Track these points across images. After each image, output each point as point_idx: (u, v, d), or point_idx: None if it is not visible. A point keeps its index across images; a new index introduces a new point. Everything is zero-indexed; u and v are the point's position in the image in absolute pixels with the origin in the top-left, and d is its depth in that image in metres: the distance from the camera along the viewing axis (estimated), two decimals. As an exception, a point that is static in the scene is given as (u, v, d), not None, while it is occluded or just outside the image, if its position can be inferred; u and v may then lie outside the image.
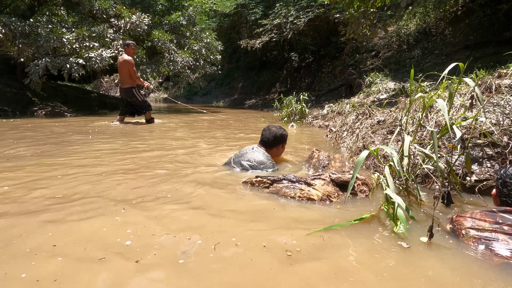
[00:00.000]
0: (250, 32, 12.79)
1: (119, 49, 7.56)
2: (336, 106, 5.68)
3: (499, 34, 7.52)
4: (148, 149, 3.48)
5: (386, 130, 2.71)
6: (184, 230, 1.42)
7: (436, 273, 1.13)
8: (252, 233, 1.41)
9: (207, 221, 1.54)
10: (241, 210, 1.70)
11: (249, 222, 1.54)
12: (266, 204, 1.78)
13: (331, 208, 1.75)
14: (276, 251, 1.24)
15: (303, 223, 1.52)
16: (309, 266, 1.15)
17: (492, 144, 1.90)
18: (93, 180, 2.19)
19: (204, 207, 1.73)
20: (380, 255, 1.25)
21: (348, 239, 1.38)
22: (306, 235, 1.38)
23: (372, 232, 1.45)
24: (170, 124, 6.55)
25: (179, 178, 2.27)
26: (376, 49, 10.43)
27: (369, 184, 1.99)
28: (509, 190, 1.32)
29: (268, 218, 1.59)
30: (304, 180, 1.95)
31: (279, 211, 1.68)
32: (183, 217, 1.59)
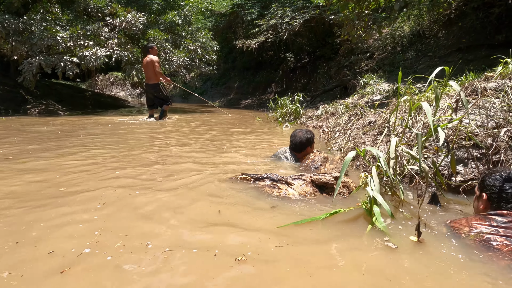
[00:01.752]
0: (246, 32, 12.81)
1: (114, 48, 7.54)
2: (330, 107, 5.73)
3: (491, 37, 7.63)
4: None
5: (377, 131, 2.75)
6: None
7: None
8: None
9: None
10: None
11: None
12: (244, 196, 1.94)
13: (303, 206, 1.83)
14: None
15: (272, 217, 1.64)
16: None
17: (477, 146, 1.94)
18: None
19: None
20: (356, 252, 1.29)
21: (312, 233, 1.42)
22: (275, 228, 1.48)
23: (347, 230, 1.49)
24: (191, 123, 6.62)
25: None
26: (371, 51, 10.53)
27: (350, 187, 2.06)
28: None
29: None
30: (285, 179, 2.03)
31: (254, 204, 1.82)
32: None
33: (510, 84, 2.04)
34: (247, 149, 3.62)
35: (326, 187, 2.02)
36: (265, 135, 4.95)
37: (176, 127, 5.90)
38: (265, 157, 3.12)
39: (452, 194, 1.91)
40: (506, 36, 7.36)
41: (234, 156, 3.21)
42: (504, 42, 7.28)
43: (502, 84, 2.10)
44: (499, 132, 1.87)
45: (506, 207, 1.39)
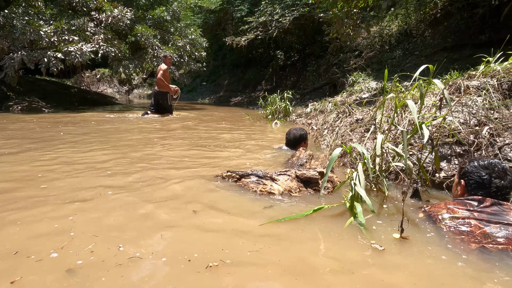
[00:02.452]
0: (236, 30, 12.74)
1: (100, 44, 7.37)
2: (319, 105, 5.77)
3: (475, 37, 7.82)
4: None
5: (364, 128, 2.78)
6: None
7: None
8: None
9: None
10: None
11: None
12: (227, 194, 1.94)
13: (287, 202, 1.84)
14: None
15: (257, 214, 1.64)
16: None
17: (460, 143, 1.99)
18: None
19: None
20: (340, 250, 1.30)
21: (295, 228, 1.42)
22: (259, 226, 1.48)
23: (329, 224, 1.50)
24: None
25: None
26: (359, 49, 10.63)
27: (334, 182, 2.10)
28: (489, 185, 1.47)
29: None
30: (270, 175, 2.05)
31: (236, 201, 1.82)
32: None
33: (492, 82, 2.10)
34: (236, 146, 3.61)
35: (311, 182, 2.05)
36: (254, 132, 4.94)
37: (168, 124, 5.83)
38: (257, 154, 3.12)
39: (436, 190, 1.95)
40: (489, 36, 7.55)
41: (221, 154, 3.20)
42: (487, 42, 7.47)
43: (484, 83, 2.15)
44: (482, 129, 1.91)
45: (481, 193, 1.47)
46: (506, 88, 2.06)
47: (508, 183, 1.45)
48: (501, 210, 1.37)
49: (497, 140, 1.89)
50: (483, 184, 1.47)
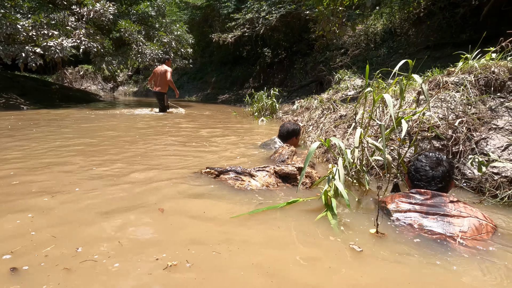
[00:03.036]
0: (222, 26, 12.61)
1: (81, 39, 7.15)
2: (305, 102, 5.79)
3: (456, 36, 8.01)
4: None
5: (347, 124, 2.80)
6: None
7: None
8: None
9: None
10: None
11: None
12: (203, 190, 1.92)
13: (264, 197, 1.84)
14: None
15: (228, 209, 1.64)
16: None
17: (439, 137, 2.02)
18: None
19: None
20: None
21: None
22: (230, 218, 1.50)
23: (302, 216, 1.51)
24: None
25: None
26: (345, 47, 10.74)
27: (313, 177, 2.12)
28: (422, 176, 1.55)
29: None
30: (248, 171, 2.05)
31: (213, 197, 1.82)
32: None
33: (469, 78, 2.14)
34: (220, 143, 3.57)
35: (289, 178, 2.07)
36: (240, 129, 4.91)
37: (153, 121, 5.72)
38: (241, 151, 3.09)
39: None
40: (470, 35, 7.75)
41: (204, 150, 3.16)
42: (468, 41, 7.65)
43: (462, 79, 2.19)
44: (454, 122, 1.95)
45: (417, 183, 1.57)
46: (482, 84, 2.11)
47: (440, 173, 1.52)
48: (440, 202, 1.45)
49: (474, 134, 1.93)
50: (418, 176, 1.56)
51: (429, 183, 1.52)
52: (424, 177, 1.53)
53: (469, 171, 1.86)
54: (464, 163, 1.88)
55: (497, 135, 1.89)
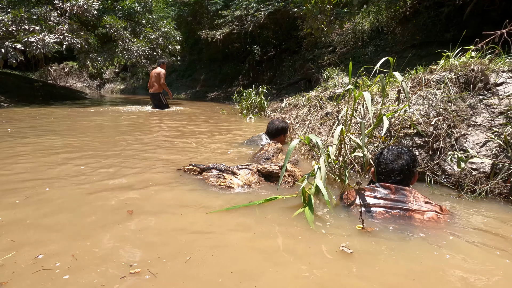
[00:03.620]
0: (211, 23, 12.49)
1: (64, 35, 6.96)
2: (293, 99, 5.80)
3: (441, 35, 8.15)
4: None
5: (332, 121, 2.82)
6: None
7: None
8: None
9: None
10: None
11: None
12: (183, 188, 1.92)
13: (245, 194, 1.85)
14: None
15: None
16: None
17: (420, 134, 2.05)
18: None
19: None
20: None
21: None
22: (206, 214, 1.52)
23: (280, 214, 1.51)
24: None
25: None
26: (333, 45, 10.80)
27: (296, 176, 2.12)
28: (382, 169, 1.60)
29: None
30: (231, 169, 2.05)
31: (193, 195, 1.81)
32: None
33: (450, 76, 2.18)
34: (207, 141, 3.54)
35: (272, 176, 2.08)
36: (228, 127, 4.88)
37: (140, 118, 5.63)
38: (227, 148, 3.07)
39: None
40: (454, 34, 7.90)
41: (190, 148, 3.13)
42: (452, 39, 7.81)
43: (443, 76, 2.23)
44: (438, 120, 1.99)
45: (380, 177, 1.62)
46: (462, 81, 2.15)
47: (399, 166, 1.57)
48: (403, 196, 1.50)
49: (454, 131, 1.97)
50: (380, 169, 1.61)
51: (388, 176, 1.57)
52: (384, 170, 1.58)
53: (449, 167, 1.89)
54: (444, 159, 1.92)
55: (476, 132, 1.93)
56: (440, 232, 1.37)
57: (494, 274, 1.10)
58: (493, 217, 1.56)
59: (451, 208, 1.64)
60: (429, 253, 1.21)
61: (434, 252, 1.21)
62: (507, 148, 1.74)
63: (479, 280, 1.06)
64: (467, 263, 1.15)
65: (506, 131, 1.79)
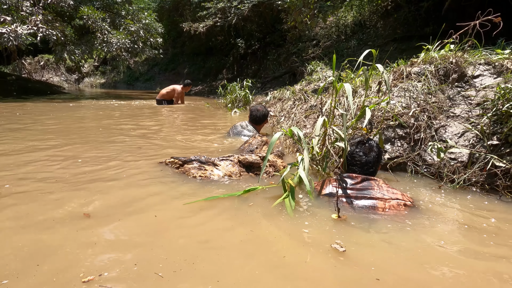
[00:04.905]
0: (194, 15, 12.24)
1: (38, 26, 6.63)
2: (278, 93, 5.80)
3: (421, 29, 8.34)
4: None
5: (317, 114, 2.83)
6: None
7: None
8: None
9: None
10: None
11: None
12: (162, 180, 1.90)
13: (225, 185, 1.86)
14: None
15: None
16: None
17: (402, 126, 2.09)
18: None
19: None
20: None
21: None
22: (184, 205, 1.51)
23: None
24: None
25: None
26: (317, 39, 10.85)
27: (277, 166, 2.15)
28: (357, 161, 1.70)
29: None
30: (212, 161, 2.05)
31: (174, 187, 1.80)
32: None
33: (430, 68, 2.23)
34: (191, 135, 3.49)
35: (253, 167, 2.08)
36: (212, 121, 4.83)
37: (122, 112, 5.46)
38: (212, 142, 3.04)
39: (381, 171, 2.05)
40: (433, 28, 8.10)
41: (173, 142, 3.07)
42: (432, 33, 7.99)
43: (423, 69, 2.28)
44: (419, 112, 2.03)
45: (353, 169, 1.71)
46: (442, 74, 2.20)
47: (372, 158, 1.68)
48: (367, 186, 1.59)
49: (434, 122, 2.02)
50: (353, 161, 1.71)
51: (363, 168, 1.68)
52: (358, 163, 1.68)
53: (429, 157, 1.95)
54: (425, 150, 1.97)
55: (455, 123, 1.99)
56: (398, 217, 1.45)
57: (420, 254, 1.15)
58: (462, 204, 1.64)
59: (430, 199, 1.69)
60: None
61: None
62: (483, 138, 1.81)
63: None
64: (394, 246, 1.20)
65: (482, 121, 1.85)
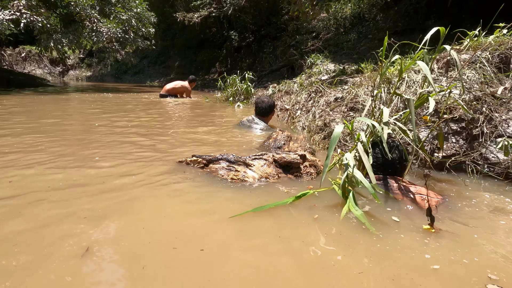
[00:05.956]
0: (186, 6, 11.74)
1: (21, 11, 6.09)
2: (283, 86, 5.53)
3: (422, 22, 8.20)
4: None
5: (346, 107, 2.58)
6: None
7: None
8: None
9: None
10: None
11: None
12: (189, 184, 1.59)
13: (265, 190, 1.57)
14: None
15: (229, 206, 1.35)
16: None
17: (456, 119, 1.87)
18: None
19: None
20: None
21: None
22: (229, 218, 1.23)
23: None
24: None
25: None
26: (316, 31, 10.60)
27: (318, 166, 1.88)
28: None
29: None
30: (243, 160, 1.76)
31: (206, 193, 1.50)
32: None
33: (484, 55, 2.01)
34: (200, 131, 3.18)
35: (291, 167, 1.79)
36: (217, 116, 4.52)
37: (118, 106, 5.07)
38: (225, 138, 2.74)
39: (436, 171, 1.82)
40: (435, 21, 7.98)
41: (183, 138, 2.76)
42: (433, 27, 7.91)
43: (475, 56, 2.06)
44: (478, 103, 1.80)
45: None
46: (497, 61, 1.98)
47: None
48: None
49: (496, 115, 1.80)
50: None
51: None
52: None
53: (492, 155, 1.73)
54: (486, 146, 1.75)
55: (517, 116, 1.77)
56: None
57: None
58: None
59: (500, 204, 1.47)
60: None
61: None
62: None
63: None
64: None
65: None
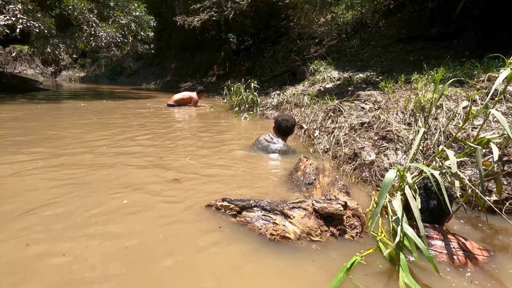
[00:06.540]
0: (185, 8, 11.51)
1: (17, 16, 5.82)
2: (292, 97, 5.40)
3: (426, 29, 8.18)
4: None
5: (377, 136, 2.46)
6: None
7: None
8: None
9: None
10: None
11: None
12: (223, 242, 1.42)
13: (313, 254, 1.39)
14: None
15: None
16: None
17: (506, 160, 1.77)
18: None
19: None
20: None
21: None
22: None
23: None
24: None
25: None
26: (318, 37, 10.51)
27: (362, 217, 1.66)
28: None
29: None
30: (280, 209, 1.57)
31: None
32: None
33: (531, 89, 1.92)
34: (214, 151, 3.03)
35: (333, 219, 1.57)
36: (228, 129, 4.35)
37: (116, 117, 4.86)
38: (245, 163, 2.60)
39: (489, 215, 1.71)
40: (439, 29, 7.96)
41: (201, 162, 2.60)
42: (437, 35, 7.89)
43: (520, 89, 1.96)
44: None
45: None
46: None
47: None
48: None
49: (551, 157, 1.70)
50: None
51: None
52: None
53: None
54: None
55: None
56: None
57: None
58: None
59: None
60: None
61: None
62: None
63: None
64: None
65: None
